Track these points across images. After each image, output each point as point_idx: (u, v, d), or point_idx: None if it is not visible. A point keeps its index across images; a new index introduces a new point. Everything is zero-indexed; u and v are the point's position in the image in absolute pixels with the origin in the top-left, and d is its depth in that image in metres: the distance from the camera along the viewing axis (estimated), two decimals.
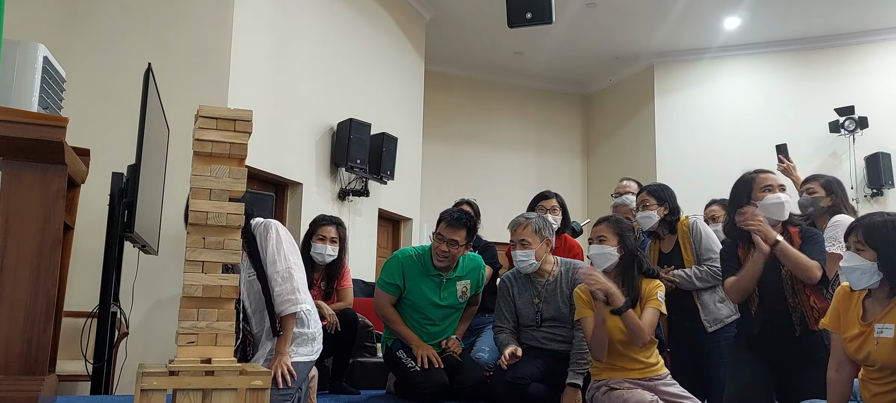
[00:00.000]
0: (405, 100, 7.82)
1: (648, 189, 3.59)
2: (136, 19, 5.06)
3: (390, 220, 7.75)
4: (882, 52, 8.22)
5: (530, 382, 3.19)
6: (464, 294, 3.56)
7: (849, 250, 2.33)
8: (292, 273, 2.65)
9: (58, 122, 2.23)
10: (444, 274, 3.51)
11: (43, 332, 2.24)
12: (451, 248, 3.42)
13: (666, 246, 3.53)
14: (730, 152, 8.33)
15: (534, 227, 3.31)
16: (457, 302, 3.56)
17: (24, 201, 2.26)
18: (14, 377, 2.19)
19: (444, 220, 3.46)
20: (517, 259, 3.32)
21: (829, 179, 3.58)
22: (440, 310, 3.53)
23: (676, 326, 3.49)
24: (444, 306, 3.53)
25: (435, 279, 3.51)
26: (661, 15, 8.05)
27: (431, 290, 3.50)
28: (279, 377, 2.57)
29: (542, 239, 3.32)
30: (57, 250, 2.29)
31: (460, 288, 3.55)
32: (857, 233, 2.32)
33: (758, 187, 2.93)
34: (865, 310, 2.33)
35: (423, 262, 3.53)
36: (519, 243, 3.31)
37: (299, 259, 2.77)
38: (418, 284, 3.50)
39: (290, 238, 2.78)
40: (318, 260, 3.76)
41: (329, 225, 3.79)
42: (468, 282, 3.58)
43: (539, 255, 3.31)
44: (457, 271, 3.55)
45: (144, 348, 4.40)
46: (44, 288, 2.24)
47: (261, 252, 2.69)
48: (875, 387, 2.29)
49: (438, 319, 3.55)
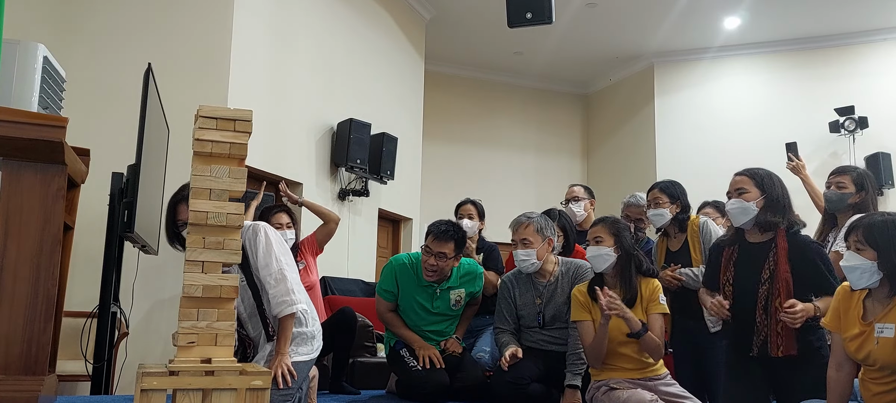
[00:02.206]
0: (405, 100, 7.82)
1: (661, 186, 3.54)
2: (136, 19, 5.06)
3: (390, 220, 7.75)
4: (882, 52, 8.22)
5: (530, 382, 3.18)
6: (457, 302, 3.55)
7: (849, 249, 2.33)
8: (285, 274, 2.64)
9: (58, 122, 2.23)
10: (437, 286, 3.49)
11: (43, 332, 2.24)
12: (439, 262, 3.38)
13: (674, 244, 3.51)
14: (730, 152, 8.31)
15: (535, 227, 3.30)
16: (450, 310, 3.55)
17: (24, 201, 2.26)
18: (14, 377, 2.19)
19: (432, 233, 3.41)
20: (518, 258, 3.31)
21: (862, 173, 3.40)
22: (433, 317, 3.53)
23: (679, 325, 3.48)
24: (437, 314, 3.53)
25: (427, 289, 3.50)
26: (661, 15, 8.05)
27: (424, 299, 3.50)
28: (279, 377, 2.57)
29: (544, 239, 3.31)
30: (57, 250, 2.29)
31: (454, 297, 3.53)
32: (857, 233, 2.32)
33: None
34: (866, 310, 2.33)
35: (416, 271, 3.50)
36: (520, 242, 3.30)
37: (290, 258, 2.76)
38: (411, 293, 3.50)
39: (278, 238, 2.76)
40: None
41: (280, 212, 3.91)
42: (462, 291, 3.55)
43: (541, 255, 3.30)
44: (450, 281, 3.51)
45: (144, 348, 4.41)
46: (44, 288, 2.24)
47: (251, 256, 2.68)
48: (875, 387, 2.29)
49: (433, 325, 3.54)
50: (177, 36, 5.11)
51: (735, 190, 2.85)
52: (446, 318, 3.56)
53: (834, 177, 3.42)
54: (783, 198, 2.81)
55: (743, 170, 2.92)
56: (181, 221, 2.73)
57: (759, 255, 2.78)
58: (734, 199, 2.83)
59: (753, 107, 8.71)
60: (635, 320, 2.89)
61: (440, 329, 3.56)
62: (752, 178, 2.84)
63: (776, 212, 2.77)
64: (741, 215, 2.81)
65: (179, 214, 2.74)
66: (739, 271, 2.82)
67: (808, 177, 4.00)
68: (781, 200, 2.80)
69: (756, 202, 2.78)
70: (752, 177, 2.85)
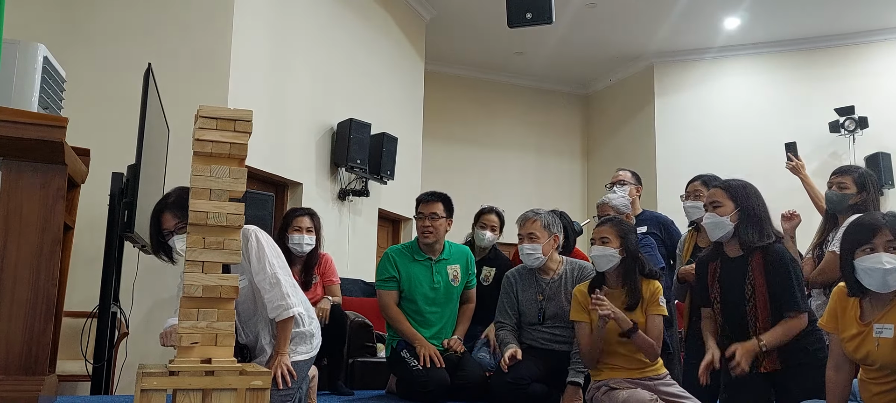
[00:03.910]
0: (405, 100, 7.82)
1: (703, 179, 3.52)
2: (136, 19, 5.06)
3: (390, 220, 7.75)
4: (882, 52, 8.22)
5: (530, 382, 3.19)
6: (455, 278, 3.63)
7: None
8: (279, 278, 2.62)
9: (58, 122, 2.23)
10: (433, 258, 3.60)
11: (43, 332, 2.24)
12: (433, 222, 3.58)
13: (703, 240, 3.42)
14: (730, 152, 8.33)
15: (543, 222, 3.33)
16: (450, 286, 3.60)
17: (24, 201, 2.26)
18: (14, 377, 2.19)
19: (421, 201, 3.68)
20: (524, 252, 3.33)
21: (864, 174, 3.35)
22: (436, 294, 3.57)
23: (695, 325, 3.46)
24: (440, 291, 3.57)
25: (425, 264, 3.60)
26: (661, 15, 8.05)
27: (424, 275, 3.58)
28: (279, 377, 2.57)
29: (551, 235, 3.34)
30: (57, 250, 2.29)
31: (451, 272, 3.62)
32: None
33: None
34: (863, 310, 2.32)
35: (411, 250, 3.66)
36: (527, 236, 3.32)
37: (282, 259, 2.73)
38: (410, 271, 3.60)
39: (268, 240, 2.72)
40: (296, 250, 3.76)
41: (303, 216, 3.82)
42: (458, 267, 3.65)
43: (546, 250, 3.32)
44: (443, 254, 3.65)
45: (144, 348, 4.40)
46: (44, 288, 2.25)
47: (244, 261, 2.66)
48: (875, 387, 2.29)
49: (435, 310, 3.58)
50: (177, 36, 5.11)
51: (710, 203, 2.81)
52: (449, 301, 3.62)
53: (835, 178, 3.38)
54: (759, 209, 2.76)
55: (717, 182, 2.89)
56: (166, 230, 2.63)
57: (739, 271, 2.77)
58: (709, 213, 2.79)
59: (753, 108, 8.71)
60: (626, 319, 2.91)
61: (444, 313, 3.60)
62: (727, 191, 2.79)
63: (752, 226, 2.72)
64: (717, 229, 2.77)
65: (164, 223, 2.63)
66: (724, 287, 2.81)
67: (807, 177, 4.00)
68: (757, 212, 2.75)
69: (730, 216, 2.74)
70: (727, 190, 2.79)
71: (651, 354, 2.97)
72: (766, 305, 2.69)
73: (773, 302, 2.69)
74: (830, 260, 3.11)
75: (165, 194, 2.74)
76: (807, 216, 3.61)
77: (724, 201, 2.76)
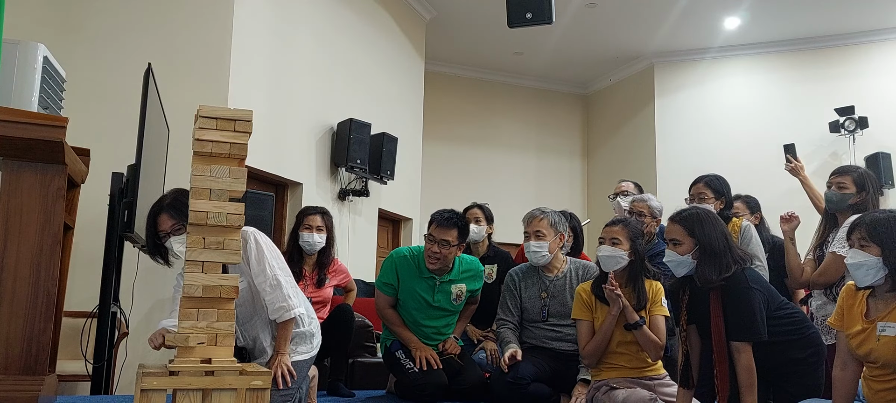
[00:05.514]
0: (405, 100, 7.82)
1: (706, 180, 3.50)
2: (136, 19, 5.06)
3: (390, 220, 7.75)
4: (882, 52, 8.22)
5: (530, 382, 3.18)
6: (458, 297, 3.53)
7: (853, 247, 2.33)
8: (280, 279, 2.62)
9: (58, 122, 2.23)
10: (438, 277, 3.48)
11: (43, 332, 2.24)
12: (442, 249, 3.37)
13: None
14: (730, 152, 8.33)
15: (549, 220, 3.34)
16: (451, 305, 3.53)
17: (24, 201, 2.26)
18: (14, 377, 2.19)
19: (435, 221, 3.42)
20: (530, 249, 3.32)
21: (863, 174, 3.32)
22: (433, 311, 3.50)
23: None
24: (437, 308, 3.50)
25: (428, 281, 3.48)
26: (661, 15, 8.05)
27: (425, 291, 3.48)
28: (279, 377, 2.57)
29: (557, 234, 3.34)
30: (57, 250, 2.29)
31: (455, 292, 3.51)
32: (861, 230, 2.32)
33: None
34: (869, 308, 2.34)
35: (418, 263, 3.50)
36: (534, 234, 3.32)
37: (282, 260, 2.72)
38: (412, 285, 3.48)
39: (267, 241, 2.71)
40: (307, 248, 3.77)
41: (315, 215, 3.83)
42: (463, 286, 3.53)
43: (552, 249, 3.33)
44: (451, 274, 3.50)
45: (144, 348, 4.40)
46: (44, 288, 2.25)
47: (243, 264, 2.65)
48: (877, 384, 2.30)
49: (432, 322, 3.52)
50: (177, 36, 5.11)
51: (669, 240, 2.78)
52: (446, 314, 3.54)
53: (835, 178, 3.36)
54: (716, 241, 2.69)
55: (675, 216, 2.82)
56: (163, 232, 2.62)
57: (703, 303, 2.74)
58: (670, 251, 2.75)
59: (753, 108, 8.71)
60: (633, 312, 2.97)
61: (438, 325, 3.54)
62: (684, 226, 2.74)
63: (710, 262, 2.67)
64: (680, 268, 2.75)
65: (160, 225, 2.62)
66: (691, 317, 2.80)
67: (806, 178, 4.00)
68: (714, 245, 2.69)
69: (692, 254, 2.70)
70: (684, 225, 2.74)
71: (654, 352, 2.99)
72: (721, 340, 2.64)
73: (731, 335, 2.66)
74: (831, 261, 3.11)
75: (162, 196, 2.74)
76: (806, 217, 3.61)
77: (683, 238, 2.72)
